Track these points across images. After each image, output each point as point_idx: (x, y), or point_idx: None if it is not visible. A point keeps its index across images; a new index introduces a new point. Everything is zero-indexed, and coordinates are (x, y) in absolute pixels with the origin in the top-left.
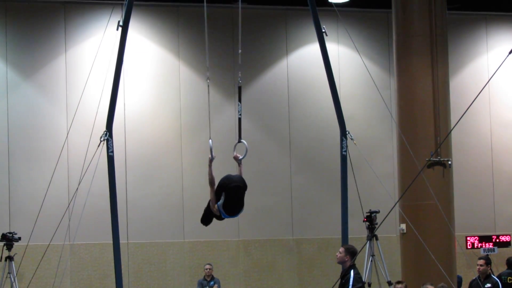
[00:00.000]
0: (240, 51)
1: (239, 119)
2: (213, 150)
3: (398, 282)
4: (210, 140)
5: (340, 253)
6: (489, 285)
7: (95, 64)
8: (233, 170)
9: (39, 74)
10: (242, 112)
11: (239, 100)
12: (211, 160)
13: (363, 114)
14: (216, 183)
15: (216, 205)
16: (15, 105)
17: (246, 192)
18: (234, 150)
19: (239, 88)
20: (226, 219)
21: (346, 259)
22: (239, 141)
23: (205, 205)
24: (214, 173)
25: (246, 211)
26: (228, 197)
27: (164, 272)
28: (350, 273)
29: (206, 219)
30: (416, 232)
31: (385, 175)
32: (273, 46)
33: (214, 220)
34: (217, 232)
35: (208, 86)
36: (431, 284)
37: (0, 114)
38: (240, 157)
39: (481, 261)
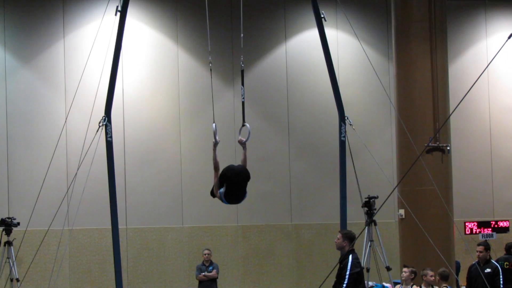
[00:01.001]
0: (242, 35)
1: (243, 103)
2: (217, 134)
3: (405, 266)
4: (214, 124)
5: (338, 238)
6: (489, 270)
7: (94, 50)
8: (233, 154)
9: (38, 60)
10: (240, 97)
11: (242, 84)
12: (215, 145)
13: (362, 100)
14: (220, 169)
15: (218, 192)
16: (13, 90)
17: None
18: (239, 134)
19: (242, 72)
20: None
21: (345, 244)
22: (243, 125)
23: (205, 187)
24: (217, 158)
25: None
26: (229, 188)
27: (163, 257)
28: (348, 258)
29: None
30: (415, 217)
31: (384, 160)
32: (272, 32)
33: (213, 205)
34: (215, 217)
35: (211, 70)
36: (431, 270)
37: None
38: (244, 140)
39: (480, 247)
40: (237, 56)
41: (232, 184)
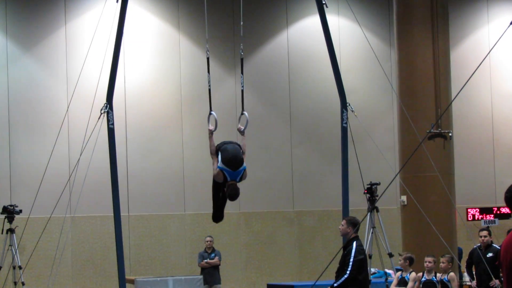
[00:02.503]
0: (241, 22)
1: (242, 91)
2: (217, 122)
3: (399, 254)
4: (213, 113)
5: (342, 225)
6: (491, 254)
7: (95, 37)
8: (234, 139)
9: (39, 47)
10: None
11: (242, 72)
12: (211, 132)
13: (363, 86)
14: None
15: (217, 169)
16: (15, 78)
17: (248, 164)
18: (238, 122)
19: (241, 60)
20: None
21: (349, 231)
22: (242, 113)
23: (207, 174)
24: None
25: (247, 183)
26: (223, 151)
27: (165, 245)
28: (352, 244)
29: (216, 211)
30: (417, 203)
31: (386, 147)
32: (273, 18)
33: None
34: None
35: (208, 59)
36: (433, 256)
37: (0, 87)
38: (242, 128)
39: (485, 232)
40: (239, 42)
41: (223, 145)
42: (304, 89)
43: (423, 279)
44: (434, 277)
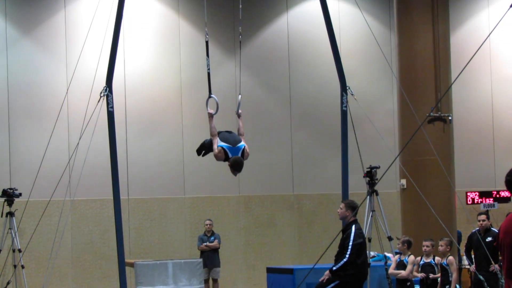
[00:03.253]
0: (240, 5)
1: (239, 74)
2: (218, 105)
3: (397, 238)
4: (214, 96)
5: (341, 208)
6: (490, 238)
7: (95, 20)
8: (232, 125)
9: (39, 30)
10: (242, 68)
11: (240, 55)
12: (211, 115)
13: (363, 70)
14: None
15: (218, 147)
16: (14, 61)
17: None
18: (237, 105)
19: (240, 44)
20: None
21: (347, 214)
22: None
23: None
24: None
25: (246, 167)
26: (220, 133)
27: (165, 228)
28: (351, 228)
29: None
30: (417, 187)
31: (386, 130)
32: (273, 2)
33: (215, 176)
34: (217, 188)
35: (207, 42)
36: (431, 240)
37: None
38: (237, 111)
39: (483, 216)
40: (238, 26)
41: (221, 132)
42: (304, 73)
43: (422, 262)
44: (432, 260)
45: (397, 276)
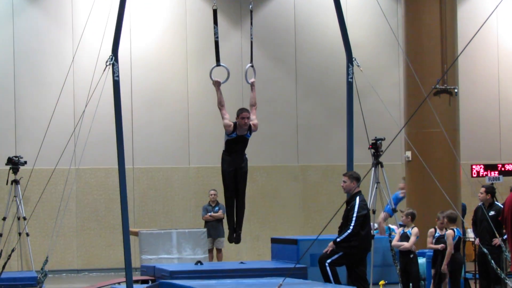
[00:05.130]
0: None
1: (251, 43)
2: (229, 73)
3: (401, 211)
4: (224, 64)
5: (344, 181)
6: (493, 212)
7: None
8: (239, 95)
9: None
10: (248, 38)
11: (251, 24)
12: (219, 84)
13: (370, 42)
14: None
15: (226, 121)
16: (21, 29)
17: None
18: (246, 75)
19: (251, 12)
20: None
21: (353, 185)
22: (251, 65)
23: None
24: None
25: (251, 137)
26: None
27: (169, 197)
28: (355, 200)
29: (231, 225)
30: (422, 159)
31: (391, 102)
32: None
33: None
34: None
35: (215, 10)
36: (442, 212)
37: (5, 39)
38: (249, 81)
39: (482, 189)
40: None
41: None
42: (310, 44)
43: (437, 234)
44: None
45: (400, 247)
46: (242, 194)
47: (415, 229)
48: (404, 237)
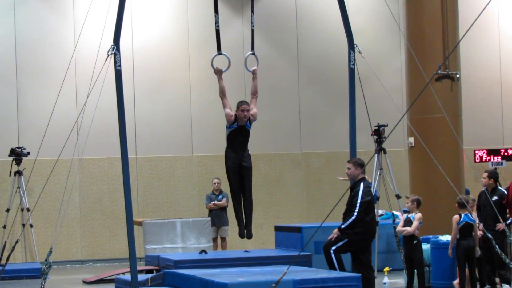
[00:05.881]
0: None
1: (253, 31)
2: (230, 62)
3: (406, 197)
4: (225, 53)
5: (349, 168)
6: (496, 197)
7: None
8: (241, 84)
9: None
10: (250, 26)
11: (252, 11)
12: (221, 72)
13: (371, 28)
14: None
15: (228, 111)
16: (22, 19)
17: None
18: (245, 63)
19: (252, 0)
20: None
21: (358, 172)
22: (252, 53)
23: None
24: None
25: (254, 125)
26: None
27: (173, 187)
28: (359, 186)
29: (240, 220)
30: (424, 145)
31: (394, 88)
32: None
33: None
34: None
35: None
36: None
37: (7, 29)
38: (250, 69)
39: (485, 174)
40: None
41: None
42: (312, 31)
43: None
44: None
45: (403, 233)
46: (248, 189)
47: (419, 214)
48: (408, 222)
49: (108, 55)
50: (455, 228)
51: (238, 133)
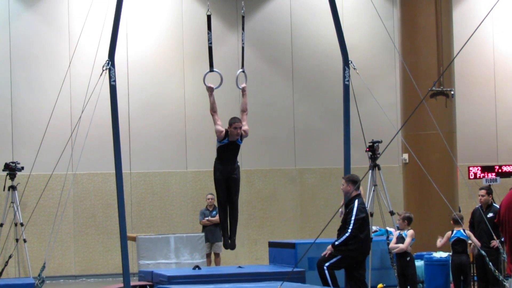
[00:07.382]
0: None
1: (243, 48)
2: (222, 79)
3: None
4: (217, 70)
5: (343, 184)
6: (491, 214)
7: None
8: (233, 100)
9: (41, 3)
10: (245, 41)
11: (243, 29)
12: (212, 90)
13: (366, 44)
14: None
15: (218, 127)
16: (17, 34)
17: (249, 122)
18: (237, 81)
19: (243, 18)
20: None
21: (349, 189)
22: (242, 71)
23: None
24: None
25: (249, 141)
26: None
27: (167, 202)
28: (354, 203)
29: (225, 232)
30: (419, 162)
31: (388, 105)
32: None
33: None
34: None
35: (209, 16)
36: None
37: (2, 43)
38: (240, 86)
39: (482, 191)
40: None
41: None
42: (306, 46)
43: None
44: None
45: (396, 250)
46: (235, 201)
47: (411, 231)
48: (400, 239)
49: (103, 70)
50: (446, 241)
51: (228, 147)
